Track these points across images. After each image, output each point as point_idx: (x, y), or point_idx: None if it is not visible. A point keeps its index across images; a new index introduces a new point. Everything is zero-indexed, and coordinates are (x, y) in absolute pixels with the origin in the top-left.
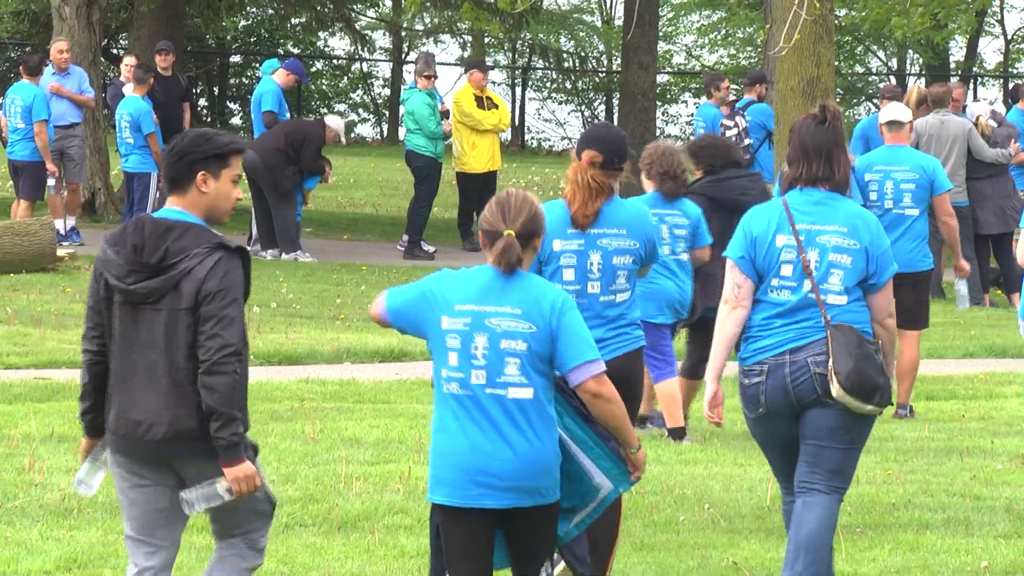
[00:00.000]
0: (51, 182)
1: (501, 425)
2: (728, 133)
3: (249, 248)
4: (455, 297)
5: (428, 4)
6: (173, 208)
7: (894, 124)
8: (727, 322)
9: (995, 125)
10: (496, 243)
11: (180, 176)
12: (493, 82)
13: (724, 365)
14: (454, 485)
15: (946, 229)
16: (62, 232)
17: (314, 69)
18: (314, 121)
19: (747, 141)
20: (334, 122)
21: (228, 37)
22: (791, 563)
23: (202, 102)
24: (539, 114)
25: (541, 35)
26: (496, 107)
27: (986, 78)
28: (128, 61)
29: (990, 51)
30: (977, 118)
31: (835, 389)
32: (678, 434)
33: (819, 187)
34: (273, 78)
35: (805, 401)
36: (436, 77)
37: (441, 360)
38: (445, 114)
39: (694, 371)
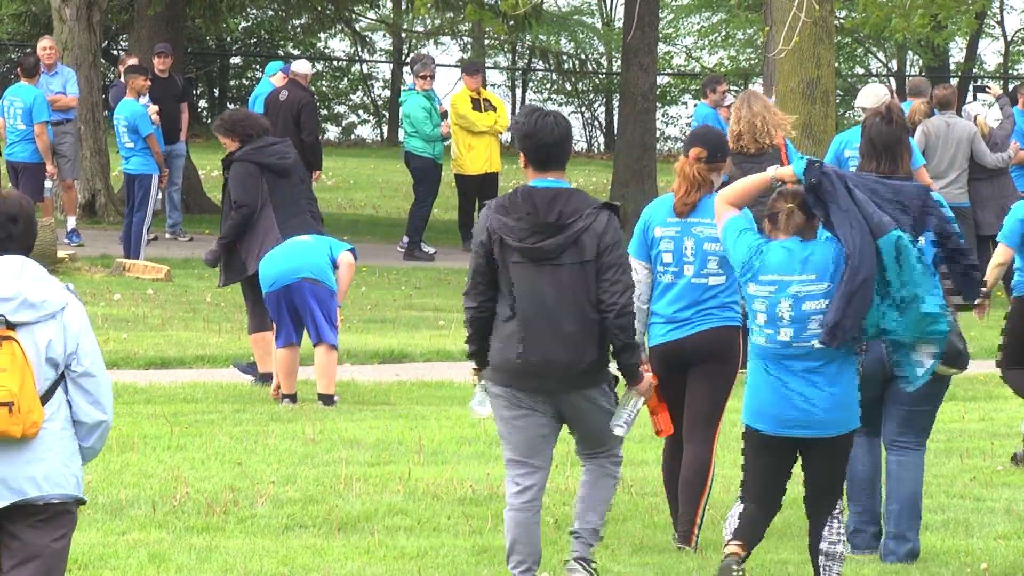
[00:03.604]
0: (48, 184)
1: (804, 371)
2: None
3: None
4: (762, 268)
5: (430, 5)
6: (546, 179)
7: (866, 110)
8: None
9: (994, 126)
10: (778, 218)
11: (564, 153)
12: (493, 84)
13: None
14: (764, 416)
15: None
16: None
17: (314, 70)
18: (289, 92)
19: None
20: (299, 67)
21: (228, 38)
22: (896, 520)
23: (202, 103)
24: None
25: (541, 36)
26: (494, 108)
27: (986, 79)
28: (130, 63)
29: (990, 52)
30: (975, 118)
31: None
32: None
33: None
34: (272, 81)
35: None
36: (433, 77)
37: (751, 317)
38: (444, 115)
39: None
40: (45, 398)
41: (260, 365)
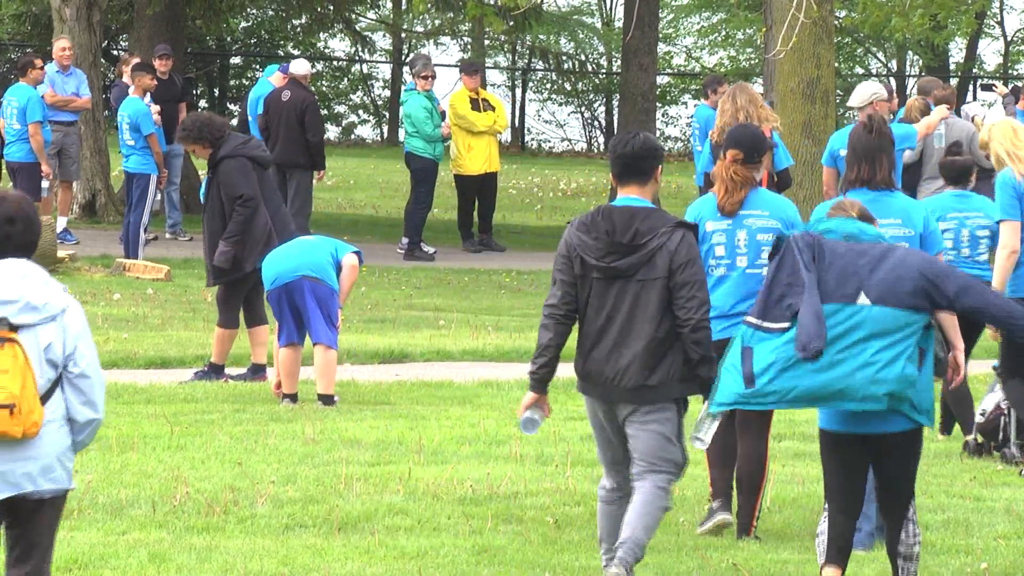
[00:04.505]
0: (44, 184)
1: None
2: None
3: None
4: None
5: (430, 5)
6: (630, 196)
7: (855, 110)
8: None
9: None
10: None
11: (647, 169)
12: (492, 84)
13: None
14: (838, 416)
15: None
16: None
17: (314, 70)
18: (291, 92)
19: None
20: (298, 67)
21: (228, 39)
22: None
23: (202, 103)
24: (539, 115)
25: (541, 36)
26: (493, 108)
27: (989, 80)
28: (134, 62)
29: (990, 52)
30: (972, 118)
31: None
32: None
33: (868, 187)
34: (271, 81)
35: None
36: (434, 77)
37: None
38: (444, 115)
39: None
40: (45, 397)
41: (215, 356)
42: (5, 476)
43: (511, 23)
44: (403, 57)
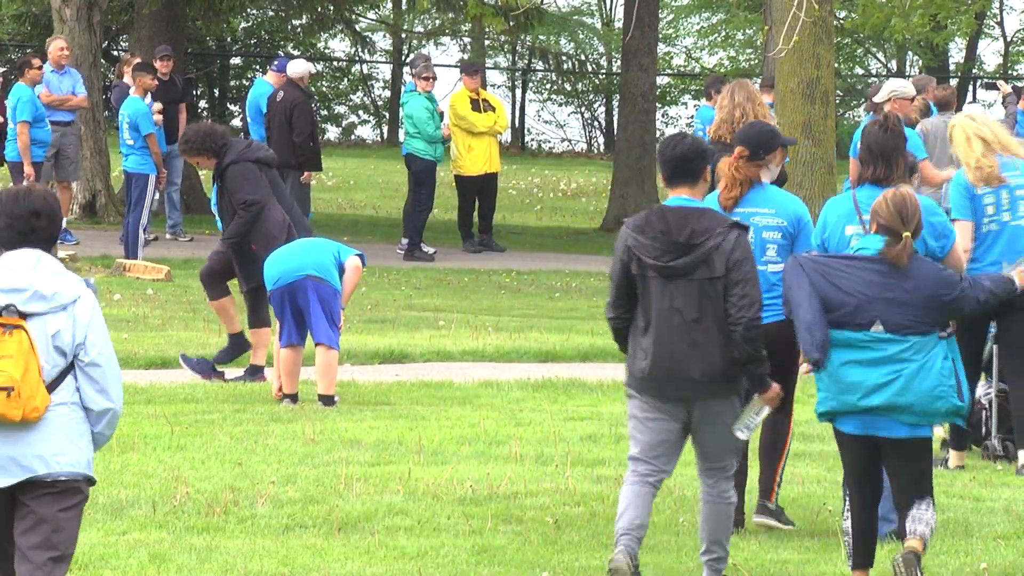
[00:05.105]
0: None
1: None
2: None
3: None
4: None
5: (431, 5)
6: (681, 196)
7: (876, 106)
8: None
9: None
10: (895, 245)
11: (696, 170)
12: (493, 84)
13: None
14: (846, 418)
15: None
16: None
17: (314, 71)
18: (285, 92)
19: None
20: (295, 68)
21: (228, 39)
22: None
23: (202, 103)
24: (539, 116)
25: (541, 37)
26: (493, 109)
27: (986, 80)
28: (136, 61)
29: (990, 53)
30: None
31: None
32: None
33: (881, 184)
34: (267, 79)
35: None
36: (435, 78)
37: None
38: (442, 116)
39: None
40: (55, 384)
41: (244, 349)
42: (17, 460)
43: (511, 23)
44: (403, 57)
